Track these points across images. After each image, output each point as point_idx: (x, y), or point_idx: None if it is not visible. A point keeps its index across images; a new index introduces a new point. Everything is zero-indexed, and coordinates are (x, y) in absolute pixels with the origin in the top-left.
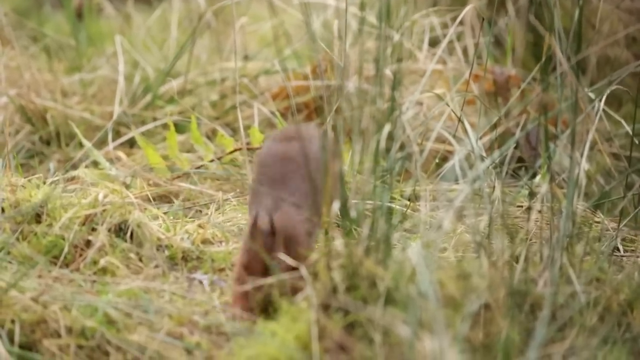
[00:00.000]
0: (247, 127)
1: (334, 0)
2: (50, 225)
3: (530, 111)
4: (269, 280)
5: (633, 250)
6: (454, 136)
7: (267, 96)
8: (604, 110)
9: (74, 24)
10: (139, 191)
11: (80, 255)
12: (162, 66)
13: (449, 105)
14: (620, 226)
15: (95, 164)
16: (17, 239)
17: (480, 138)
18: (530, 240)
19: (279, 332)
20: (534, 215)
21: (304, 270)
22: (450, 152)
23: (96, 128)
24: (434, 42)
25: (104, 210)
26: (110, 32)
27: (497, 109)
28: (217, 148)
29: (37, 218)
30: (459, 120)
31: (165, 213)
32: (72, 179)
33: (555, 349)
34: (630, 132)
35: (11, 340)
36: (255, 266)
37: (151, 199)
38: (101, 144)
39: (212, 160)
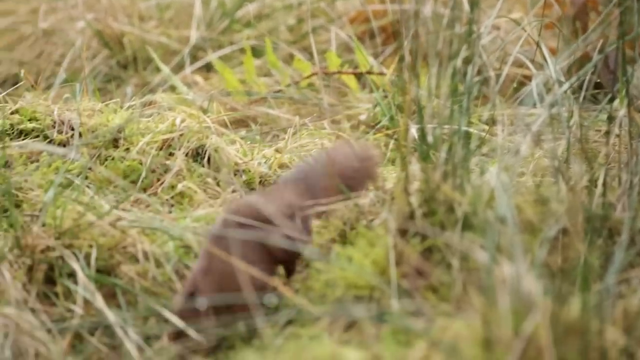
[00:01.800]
0: (324, 52)
1: None
2: (127, 150)
3: (609, 35)
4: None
5: None
6: (532, 61)
7: (344, 20)
8: None
9: None
10: (216, 116)
11: (158, 180)
12: None
13: (525, 30)
14: None
15: (173, 88)
16: (95, 164)
17: (559, 62)
18: (609, 164)
19: (356, 257)
20: (612, 139)
21: (379, 195)
22: (528, 77)
23: (173, 52)
24: None
25: (181, 135)
26: None
27: (575, 33)
28: (294, 72)
29: (115, 143)
30: (537, 45)
31: (242, 138)
32: (150, 103)
33: (633, 273)
34: None
35: (89, 264)
36: (215, 271)
37: (228, 123)
38: (178, 68)
39: (289, 85)
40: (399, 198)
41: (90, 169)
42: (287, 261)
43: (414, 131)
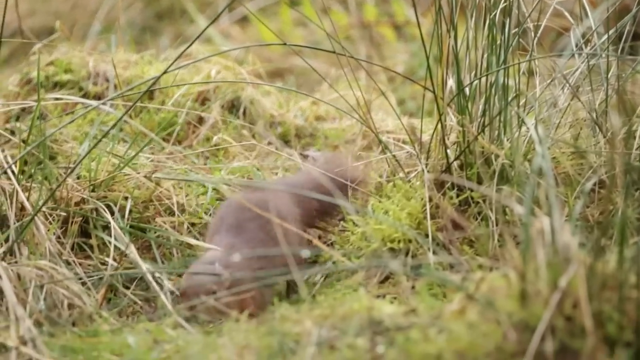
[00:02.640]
0: (360, 3)
1: None
2: (163, 102)
3: None
4: None
5: None
6: (571, 12)
7: None
8: None
9: None
10: (251, 67)
11: (193, 132)
12: None
13: None
14: None
15: (208, 39)
16: (130, 116)
17: (598, 14)
18: None
19: (392, 210)
20: None
21: (416, 149)
22: (567, 28)
23: (209, 3)
24: None
25: (216, 87)
26: None
27: None
28: (330, 24)
29: (150, 95)
30: None
31: (278, 89)
32: (185, 55)
33: None
34: None
35: (123, 217)
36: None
37: (264, 75)
38: (214, 19)
39: (325, 36)
40: (436, 151)
41: (125, 121)
42: (322, 214)
43: (451, 83)
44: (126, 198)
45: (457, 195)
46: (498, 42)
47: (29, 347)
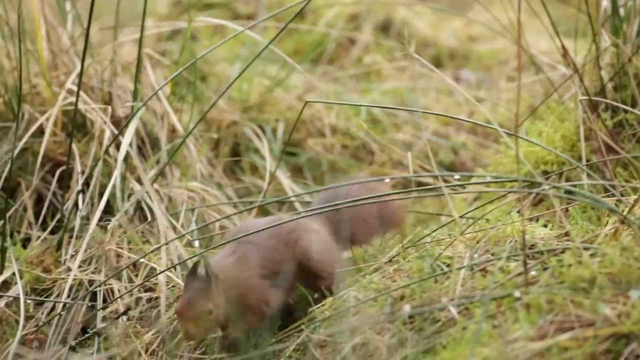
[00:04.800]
0: None
1: None
2: (314, 22)
3: None
4: None
5: None
6: None
7: None
8: None
9: None
10: None
11: (345, 53)
12: None
13: None
14: None
15: None
16: (282, 37)
17: None
18: None
19: (546, 132)
20: None
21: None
22: None
23: None
24: None
25: (368, 8)
26: None
27: None
28: None
29: (301, 15)
30: None
31: (430, 10)
32: None
33: None
34: None
35: (275, 139)
36: (187, 313)
37: None
38: None
39: None
40: (590, 72)
41: (276, 42)
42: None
43: (605, 3)
44: (277, 120)
45: (611, 117)
46: None
47: (178, 271)
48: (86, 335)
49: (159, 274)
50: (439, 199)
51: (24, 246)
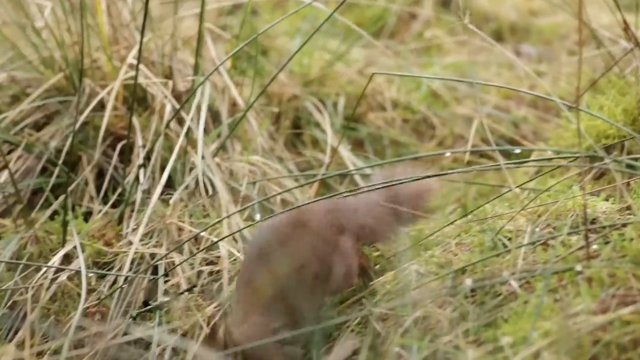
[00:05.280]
0: None
1: None
2: None
3: None
4: None
5: None
6: None
7: None
8: None
9: None
10: None
11: (405, 27)
12: None
13: None
14: None
15: None
16: (342, 11)
17: None
18: None
19: (607, 105)
20: None
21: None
22: None
23: None
24: None
25: None
26: None
27: None
28: None
29: None
30: None
31: None
32: None
33: None
34: None
35: (336, 113)
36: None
37: None
38: None
39: None
40: None
41: (336, 16)
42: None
43: None
44: (338, 94)
45: None
46: None
47: (239, 244)
48: (148, 308)
49: (219, 240)
50: (500, 174)
51: (86, 220)
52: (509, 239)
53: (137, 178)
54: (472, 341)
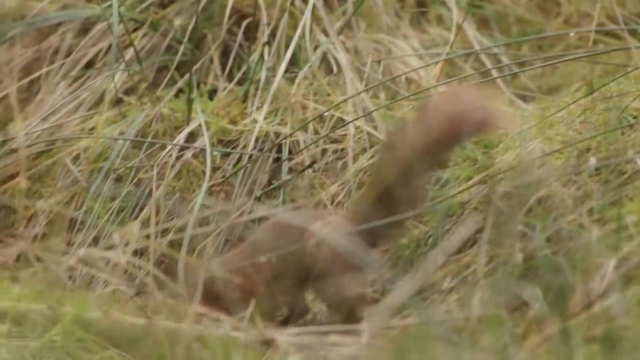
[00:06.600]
0: None
1: None
2: None
3: None
4: None
5: None
6: None
7: None
8: None
9: None
10: None
11: None
12: None
13: None
14: None
15: None
16: None
17: None
18: None
19: None
20: None
21: None
22: None
23: None
24: None
25: None
26: None
27: None
28: None
29: None
30: None
31: None
32: None
33: None
34: None
35: None
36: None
37: None
38: None
39: None
40: None
41: None
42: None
43: None
44: None
45: None
46: None
47: (367, 120)
48: (272, 186)
49: (350, 122)
50: (627, 52)
51: (210, 98)
52: (634, 117)
53: (261, 56)
54: (596, 220)
